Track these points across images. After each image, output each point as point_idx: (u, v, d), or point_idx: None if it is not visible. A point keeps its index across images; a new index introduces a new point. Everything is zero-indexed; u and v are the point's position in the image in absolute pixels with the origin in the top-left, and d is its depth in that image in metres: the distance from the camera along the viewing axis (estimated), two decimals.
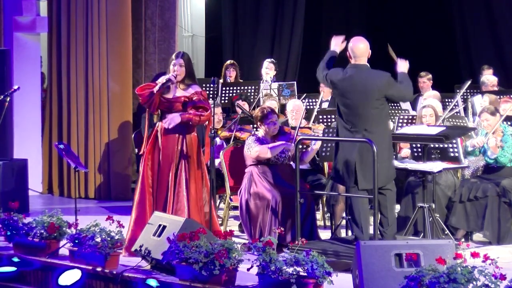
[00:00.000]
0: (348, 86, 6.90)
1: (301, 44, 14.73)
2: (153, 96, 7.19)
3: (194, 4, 15.84)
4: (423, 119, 8.22)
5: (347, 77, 6.92)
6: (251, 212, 7.64)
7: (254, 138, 7.86)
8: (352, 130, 6.89)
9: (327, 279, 5.71)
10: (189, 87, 7.28)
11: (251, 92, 10.97)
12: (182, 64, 7.27)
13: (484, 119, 8.08)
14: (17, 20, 11.36)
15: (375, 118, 6.90)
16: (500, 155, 7.98)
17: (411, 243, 5.98)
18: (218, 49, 15.31)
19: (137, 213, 7.29)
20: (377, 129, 6.88)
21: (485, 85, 11.44)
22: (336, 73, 7.02)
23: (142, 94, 7.27)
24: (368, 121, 6.87)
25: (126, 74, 10.89)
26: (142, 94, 7.27)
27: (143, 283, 6.40)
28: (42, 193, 11.24)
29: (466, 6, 14.35)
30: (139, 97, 7.38)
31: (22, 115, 11.19)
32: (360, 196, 6.98)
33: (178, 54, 7.36)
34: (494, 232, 7.86)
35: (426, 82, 11.72)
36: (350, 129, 6.90)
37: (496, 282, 5.14)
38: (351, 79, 6.90)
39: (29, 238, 7.29)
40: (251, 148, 7.78)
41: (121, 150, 10.83)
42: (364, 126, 6.86)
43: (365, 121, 6.87)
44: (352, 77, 6.90)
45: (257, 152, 7.73)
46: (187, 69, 7.30)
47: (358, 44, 6.97)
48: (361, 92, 6.84)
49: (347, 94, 6.91)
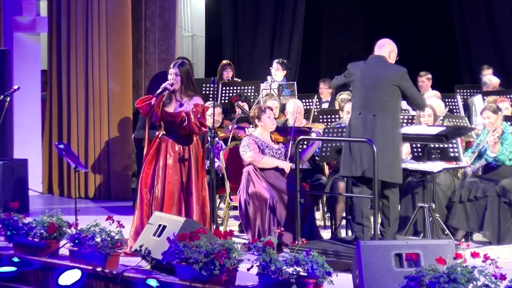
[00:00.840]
0: (367, 70, 7.11)
1: (301, 44, 14.73)
2: (152, 108, 7.22)
3: (194, 4, 15.84)
4: (421, 118, 8.23)
5: (367, 62, 7.17)
6: (250, 212, 7.64)
7: (250, 139, 7.85)
8: (361, 115, 6.99)
9: (327, 279, 5.71)
10: (191, 98, 7.28)
11: (251, 92, 10.97)
12: (177, 73, 7.27)
13: (486, 117, 8.09)
14: (17, 20, 11.36)
15: (385, 106, 6.99)
16: (499, 153, 7.99)
17: (411, 243, 5.98)
18: (218, 49, 15.31)
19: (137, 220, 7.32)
20: (386, 116, 6.96)
21: (487, 85, 11.43)
22: (358, 63, 7.25)
23: (142, 107, 7.31)
24: (378, 106, 6.98)
25: (126, 74, 10.89)
26: (142, 107, 7.31)
27: (143, 283, 6.40)
28: (42, 193, 11.23)
29: (466, 6, 14.34)
30: (139, 110, 7.40)
31: (22, 115, 11.19)
32: (360, 196, 6.99)
33: (175, 63, 7.38)
34: (494, 232, 7.86)
35: (426, 82, 11.72)
36: (359, 114, 7.01)
37: (496, 282, 5.14)
38: (369, 64, 7.14)
39: (29, 238, 7.29)
40: (245, 152, 7.79)
41: (121, 150, 10.83)
42: (374, 111, 6.96)
43: (375, 106, 6.98)
44: (370, 63, 7.15)
45: (251, 158, 7.76)
46: (184, 78, 7.28)
47: (383, 39, 7.27)
48: (377, 77, 7.02)
49: (364, 78, 7.07)
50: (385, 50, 7.18)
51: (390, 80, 7.00)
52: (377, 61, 7.14)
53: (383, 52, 7.18)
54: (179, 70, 7.29)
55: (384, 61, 7.13)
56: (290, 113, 8.80)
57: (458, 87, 11.84)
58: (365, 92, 7.05)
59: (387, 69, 7.07)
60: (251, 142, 7.82)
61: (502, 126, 8.08)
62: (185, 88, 7.29)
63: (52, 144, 10.75)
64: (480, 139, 8.13)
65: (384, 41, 7.26)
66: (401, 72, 7.06)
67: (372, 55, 7.22)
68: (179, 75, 7.28)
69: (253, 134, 7.97)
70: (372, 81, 7.02)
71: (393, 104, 7.07)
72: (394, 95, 7.03)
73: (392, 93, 7.02)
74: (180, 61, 7.44)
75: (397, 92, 7.02)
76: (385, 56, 7.15)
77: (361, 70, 7.13)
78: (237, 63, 13.89)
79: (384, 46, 7.21)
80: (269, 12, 14.82)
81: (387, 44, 7.23)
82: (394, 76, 7.03)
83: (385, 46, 7.21)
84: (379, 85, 7.00)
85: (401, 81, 7.02)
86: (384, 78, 7.01)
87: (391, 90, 7.01)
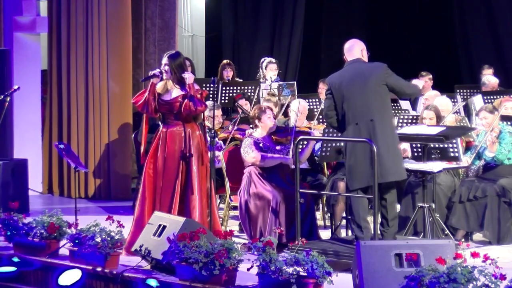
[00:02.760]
0: (348, 79, 6.97)
1: (301, 44, 14.73)
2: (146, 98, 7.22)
3: (194, 4, 15.85)
4: (424, 120, 8.21)
5: (345, 71, 7.03)
6: (250, 212, 7.64)
7: (251, 141, 7.85)
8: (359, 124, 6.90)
9: (327, 279, 5.71)
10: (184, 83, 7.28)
11: (251, 92, 10.97)
12: (167, 64, 7.28)
13: (483, 117, 8.10)
14: (17, 20, 11.37)
15: (380, 108, 6.92)
16: (497, 153, 7.99)
17: (411, 243, 5.97)
18: (218, 49, 15.32)
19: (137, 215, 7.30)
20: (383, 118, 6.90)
21: (485, 85, 11.44)
22: (334, 75, 7.12)
23: (137, 101, 7.33)
24: (373, 111, 6.89)
25: (126, 74, 10.89)
26: (137, 101, 7.33)
27: (143, 283, 6.40)
28: (42, 193, 11.24)
29: (466, 6, 14.35)
30: (135, 105, 7.41)
31: (22, 115, 11.19)
32: (361, 196, 6.98)
33: (167, 54, 7.38)
34: (494, 232, 7.86)
35: (428, 82, 11.71)
36: (356, 124, 6.91)
37: (496, 282, 5.14)
38: (349, 71, 7.00)
39: (29, 238, 7.29)
40: (247, 154, 7.79)
41: (121, 150, 10.83)
42: (370, 117, 6.88)
43: (370, 111, 6.89)
44: (349, 70, 7.01)
45: (254, 158, 7.75)
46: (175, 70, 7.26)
47: (348, 42, 7.14)
48: (361, 82, 6.91)
49: (351, 87, 6.94)
50: (357, 51, 7.06)
51: (377, 80, 6.91)
52: (355, 66, 7.01)
53: (355, 54, 7.05)
54: (169, 61, 7.28)
55: (362, 62, 7.04)
56: (294, 111, 8.77)
57: (458, 87, 11.84)
58: (355, 100, 6.92)
59: (371, 70, 6.96)
60: (252, 143, 7.82)
61: (499, 126, 8.08)
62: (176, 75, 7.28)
63: (52, 144, 10.75)
64: (479, 140, 8.13)
65: (351, 43, 7.13)
66: (384, 68, 6.96)
67: (347, 62, 7.08)
68: (168, 66, 7.28)
69: (254, 135, 7.96)
70: (360, 87, 6.91)
71: (386, 104, 7.00)
72: (384, 94, 6.96)
73: (383, 93, 6.95)
74: (172, 52, 7.43)
75: (386, 90, 6.95)
76: (360, 58, 7.05)
77: (342, 80, 6.99)
78: (237, 63, 13.88)
79: (353, 48, 7.08)
80: (269, 12, 14.83)
81: (355, 44, 7.11)
82: (379, 75, 6.93)
83: (355, 47, 7.08)
84: (368, 89, 6.90)
85: (387, 78, 6.94)
86: (371, 80, 6.91)
87: (381, 90, 6.93)
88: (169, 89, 7.31)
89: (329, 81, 7.12)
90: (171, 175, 7.26)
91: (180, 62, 7.33)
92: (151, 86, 7.26)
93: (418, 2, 14.87)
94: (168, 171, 7.26)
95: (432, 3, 14.82)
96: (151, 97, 7.25)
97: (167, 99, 7.29)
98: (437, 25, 14.74)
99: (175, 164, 7.26)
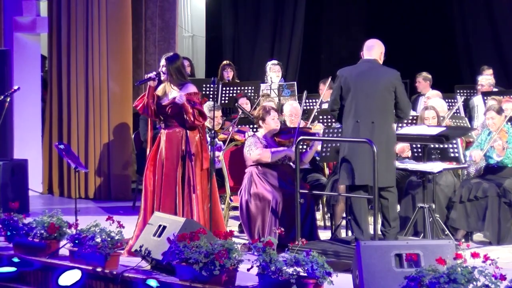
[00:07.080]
0: (358, 74, 6.97)
1: (301, 44, 14.72)
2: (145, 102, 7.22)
3: (194, 4, 15.85)
4: (425, 121, 8.19)
5: (358, 67, 7.03)
6: (251, 212, 7.64)
7: (255, 139, 7.85)
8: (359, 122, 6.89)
9: (327, 279, 5.71)
10: (182, 86, 7.27)
11: (251, 92, 10.97)
12: (163, 64, 7.27)
13: (490, 117, 8.05)
14: (17, 20, 11.36)
15: (384, 113, 6.91)
16: (505, 157, 7.96)
17: (411, 243, 5.98)
18: (218, 49, 15.31)
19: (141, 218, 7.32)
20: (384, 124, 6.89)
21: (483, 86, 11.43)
22: (348, 68, 7.10)
23: (137, 105, 7.37)
24: (377, 114, 6.88)
25: (126, 74, 10.89)
26: (137, 105, 7.37)
27: (143, 283, 6.40)
28: (42, 193, 11.23)
29: (466, 6, 14.35)
30: (136, 109, 7.43)
31: (22, 115, 11.19)
32: (360, 196, 6.98)
33: (165, 56, 7.36)
34: (494, 232, 7.86)
35: (422, 82, 11.71)
36: (357, 122, 6.91)
37: (496, 282, 5.14)
38: (362, 68, 7.00)
39: (29, 238, 7.29)
40: (252, 151, 7.78)
41: (121, 150, 10.83)
42: (372, 119, 6.88)
43: (373, 113, 6.88)
44: (362, 67, 7.01)
45: (258, 155, 7.74)
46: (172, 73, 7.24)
47: (371, 40, 7.13)
48: (371, 81, 6.90)
49: (360, 85, 6.93)
50: (376, 52, 7.04)
51: (388, 84, 6.90)
52: (370, 65, 7.00)
53: (373, 54, 7.04)
54: (167, 64, 7.26)
55: (378, 65, 7.01)
56: (287, 115, 8.76)
57: (458, 87, 11.85)
58: (362, 99, 6.91)
59: (385, 74, 6.95)
60: (256, 141, 7.82)
61: (505, 128, 8.03)
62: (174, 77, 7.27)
63: (52, 144, 10.74)
64: (481, 139, 8.10)
65: (373, 42, 7.11)
66: (397, 75, 6.96)
67: (362, 59, 7.08)
68: (164, 66, 7.27)
69: (257, 135, 7.96)
70: (370, 88, 6.90)
71: (390, 109, 6.98)
72: (390, 99, 6.94)
73: (390, 98, 6.93)
74: (170, 55, 7.40)
75: (392, 96, 6.94)
76: (377, 59, 7.03)
77: (354, 75, 6.98)
78: (237, 63, 13.87)
79: (374, 48, 7.06)
80: (269, 12, 14.82)
81: (377, 45, 7.09)
82: (391, 79, 6.93)
83: (375, 48, 7.06)
84: (378, 91, 6.89)
85: (398, 85, 6.94)
86: (383, 84, 6.91)
87: (389, 95, 6.92)
88: (167, 92, 7.32)
89: (340, 72, 7.09)
90: (171, 177, 7.26)
91: (178, 65, 7.29)
92: (149, 89, 7.27)
93: (418, 2, 14.87)
94: (168, 173, 7.27)
95: (432, 3, 14.82)
96: (150, 100, 7.26)
97: (165, 102, 7.29)
98: (437, 25, 14.74)
99: (175, 166, 7.26)
